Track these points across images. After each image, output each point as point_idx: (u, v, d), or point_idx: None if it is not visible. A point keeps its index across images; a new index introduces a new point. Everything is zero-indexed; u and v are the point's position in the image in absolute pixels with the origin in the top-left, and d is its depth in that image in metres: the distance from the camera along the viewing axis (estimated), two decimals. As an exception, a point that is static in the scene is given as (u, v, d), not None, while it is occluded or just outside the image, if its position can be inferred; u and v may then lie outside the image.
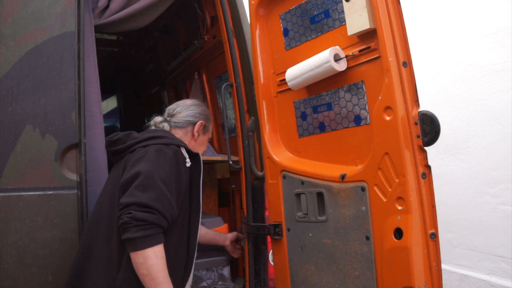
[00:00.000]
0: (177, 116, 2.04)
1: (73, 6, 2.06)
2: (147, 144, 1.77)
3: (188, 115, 2.04)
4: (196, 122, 2.04)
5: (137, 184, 1.62)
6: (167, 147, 1.74)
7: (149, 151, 1.72)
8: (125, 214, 1.57)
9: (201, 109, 2.10)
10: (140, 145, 1.78)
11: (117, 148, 1.86)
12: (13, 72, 1.94)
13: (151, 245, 1.56)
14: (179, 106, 2.09)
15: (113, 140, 1.90)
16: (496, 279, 3.26)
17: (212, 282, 2.53)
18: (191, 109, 2.06)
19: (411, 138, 1.60)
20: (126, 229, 1.56)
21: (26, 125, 1.93)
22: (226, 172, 3.08)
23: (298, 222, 2.03)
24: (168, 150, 1.73)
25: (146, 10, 2.47)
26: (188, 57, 3.67)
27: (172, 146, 1.76)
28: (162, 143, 1.76)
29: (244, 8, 2.63)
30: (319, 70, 1.84)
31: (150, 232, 1.56)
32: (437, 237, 1.61)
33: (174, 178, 1.69)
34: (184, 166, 1.75)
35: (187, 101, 2.15)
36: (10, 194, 1.87)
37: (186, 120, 2.03)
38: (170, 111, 2.07)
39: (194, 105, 2.09)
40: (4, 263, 1.82)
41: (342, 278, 1.82)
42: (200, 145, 2.08)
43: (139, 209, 1.57)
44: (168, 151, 1.73)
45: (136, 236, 1.54)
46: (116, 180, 1.77)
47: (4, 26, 1.96)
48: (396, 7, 1.66)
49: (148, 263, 1.55)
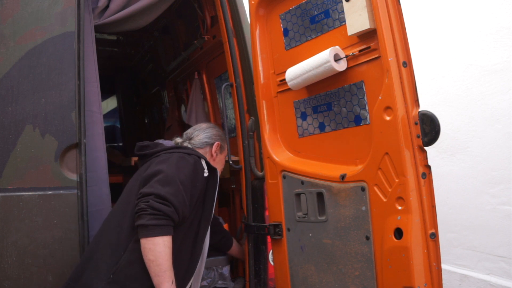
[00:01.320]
0: (195, 138, 2.21)
1: (73, 6, 2.06)
2: (172, 151, 1.95)
3: (205, 137, 2.21)
4: (213, 143, 2.21)
5: (158, 179, 1.77)
6: (189, 156, 1.93)
7: (173, 156, 1.90)
8: (143, 202, 1.70)
9: (215, 130, 2.27)
10: (165, 152, 1.96)
11: (145, 152, 2.04)
12: (13, 72, 1.94)
13: (162, 234, 1.68)
14: (196, 130, 2.26)
15: (142, 146, 2.07)
16: (496, 279, 3.26)
17: (211, 281, 2.53)
18: (207, 132, 2.24)
19: (411, 138, 1.60)
20: (141, 216, 1.69)
21: (26, 125, 1.93)
22: (226, 172, 3.08)
23: (298, 222, 2.03)
24: (190, 158, 1.92)
25: (146, 10, 2.47)
26: (188, 57, 3.67)
27: (194, 156, 1.95)
28: (185, 152, 1.95)
29: (244, 8, 2.63)
30: (319, 70, 1.84)
31: (163, 222, 1.69)
32: (437, 237, 1.61)
33: (190, 182, 1.85)
34: (201, 175, 1.92)
35: (202, 124, 2.34)
36: (10, 194, 1.87)
37: (204, 142, 2.20)
38: (189, 135, 2.25)
39: (209, 127, 2.27)
40: (4, 263, 1.82)
41: (342, 278, 1.82)
42: (218, 163, 2.23)
43: (157, 200, 1.70)
44: (190, 159, 1.91)
45: (149, 223, 1.67)
46: (137, 179, 1.92)
47: (4, 26, 1.96)
48: (396, 7, 1.66)
49: (157, 249, 1.67)
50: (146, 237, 1.67)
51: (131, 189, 1.91)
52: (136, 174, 2.00)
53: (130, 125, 5.97)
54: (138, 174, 1.97)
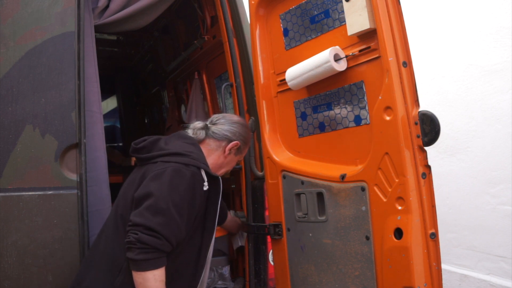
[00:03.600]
0: (218, 126, 1.99)
1: (73, 6, 2.06)
2: (169, 160, 1.76)
3: (228, 130, 1.98)
4: (232, 140, 1.98)
5: (149, 205, 1.64)
6: (186, 168, 1.73)
7: (167, 171, 1.71)
8: (132, 233, 1.61)
9: (243, 130, 2.04)
10: (162, 159, 1.78)
11: (141, 156, 1.86)
12: (13, 72, 1.94)
13: (151, 268, 1.60)
14: (225, 118, 2.05)
15: (138, 148, 1.89)
16: (496, 279, 3.26)
17: (211, 281, 2.53)
18: (234, 126, 2.01)
19: (411, 138, 1.60)
20: (130, 248, 1.61)
21: (26, 125, 1.93)
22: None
23: (298, 222, 2.03)
24: (187, 171, 1.73)
25: (146, 10, 2.47)
26: (188, 57, 3.67)
27: (192, 167, 1.75)
28: (183, 162, 1.75)
29: (244, 8, 2.63)
30: (319, 70, 1.84)
31: (152, 256, 1.60)
32: (437, 237, 1.61)
33: (187, 201, 1.71)
34: (200, 189, 1.76)
35: (234, 117, 2.12)
36: (10, 194, 1.87)
37: (224, 135, 1.98)
38: (214, 119, 2.04)
39: (238, 123, 2.04)
40: (4, 263, 1.82)
41: (342, 278, 1.82)
42: (228, 163, 2.03)
43: (146, 232, 1.60)
44: (186, 173, 1.72)
45: (138, 258, 1.59)
46: (133, 184, 1.79)
47: (4, 26, 1.96)
48: (396, 7, 1.66)
49: (147, 284, 1.60)
50: (136, 271, 1.61)
51: (126, 195, 1.79)
52: (132, 176, 1.88)
53: (130, 125, 5.97)
54: (134, 177, 1.84)
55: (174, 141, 1.91)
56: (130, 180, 1.85)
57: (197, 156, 1.82)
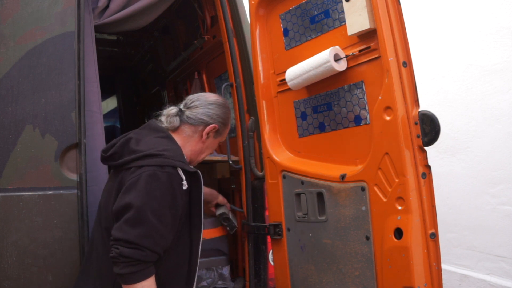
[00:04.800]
0: (193, 110, 1.86)
1: (73, 6, 2.06)
2: (142, 164, 1.65)
3: (203, 113, 1.85)
4: (209, 123, 1.85)
5: (127, 218, 1.58)
6: (162, 170, 1.63)
7: (142, 177, 1.61)
8: (114, 248, 1.57)
9: (221, 110, 1.89)
10: (135, 164, 1.67)
11: (114, 164, 1.76)
12: (13, 72, 1.94)
13: (138, 280, 1.57)
14: (200, 99, 1.89)
15: (107, 156, 1.77)
16: (496, 279, 3.26)
17: (211, 281, 2.53)
18: (210, 108, 1.86)
19: (411, 138, 1.60)
20: (116, 263, 1.57)
21: (26, 125, 1.93)
22: (226, 172, 3.08)
23: (298, 222, 2.03)
24: (162, 174, 1.63)
25: (146, 10, 2.47)
26: (188, 57, 3.67)
27: (167, 168, 1.64)
28: (157, 164, 1.64)
29: (244, 8, 2.63)
30: (319, 70, 1.84)
31: (137, 268, 1.56)
32: (437, 237, 1.61)
33: (167, 205, 1.63)
34: (180, 190, 1.66)
35: (210, 96, 1.94)
36: (10, 194, 1.87)
37: (200, 119, 1.84)
38: (188, 102, 1.90)
39: (215, 104, 1.89)
40: (4, 263, 1.82)
41: (342, 278, 1.82)
42: (207, 147, 1.91)
43: (127, 246, 1.55)
44: (162, 176, 1.62)
45: (123, 272, 1.56)
46: (111, 195, 1.72)
47: (4, 26, 1.96)
48: (396, 7, 1.66)
49: None
50: (125, 285, 1.58)
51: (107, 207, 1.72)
52: (109, 185, 1.78)
53: (130, 125, 5.96)
54: (111, 187, 1.74)
55: (145, 137, 1.78)
56: (108, 190, 1.77)
57: (171, 154, 1.69)
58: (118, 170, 1.73)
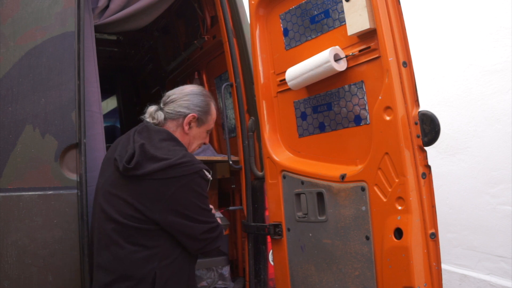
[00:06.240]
0: (170, 105, 1.87)
1: (73, 6, 2.06)
2: (180, 174, 1.64)
3: (180, 106, 1.85)
4: (187, 114, 1.85)
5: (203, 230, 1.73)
6: (199, 175, 1.70)
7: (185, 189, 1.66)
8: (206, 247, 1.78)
9: (198, 99, 1.88)
10: (172, 175, 1.64)
11: (138, 174, 1.65)
12: (13, 72, 1.94)
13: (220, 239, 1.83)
14: (175, 93, 1.90)
15: (131, 167, 1.64)
16: (496, 279, 3.26)
17: (212, 281, 2.53)
18: (186, 99, 1.87)
19: (411, 138, 1.60)
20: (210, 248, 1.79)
21: (26, 125, 1.93)
22: (226, 172, 3.08)
23: (298, 222, 2.03)
24: (200, 178, 1.70)
25: (146, 10, 2.47)
26: (188, 57, 3.67)
27: (201, 172, 1.70)
28: (195, 170, 1.68)
29: (244, 8, 2.63)
30: (319, 70, 1.84)
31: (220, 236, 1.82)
32: (437, 237, 1.61)
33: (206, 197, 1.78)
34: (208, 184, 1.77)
35: (186, 88, 1.94)
36: (10, 194, 1.87)
37: (178, 112, 1.85)
38: (165, 98, 1.91)
39: (191, 94, 1.89)
40: (4, 263, 1.82)
41: (342, 278, 1.82)
42: (195, 137, 1.90)
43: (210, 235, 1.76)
44: (202, 180, 1.71)
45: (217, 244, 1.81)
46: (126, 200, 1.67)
47: (4, 26, 1.96)
48: (396, 7, 1.66)
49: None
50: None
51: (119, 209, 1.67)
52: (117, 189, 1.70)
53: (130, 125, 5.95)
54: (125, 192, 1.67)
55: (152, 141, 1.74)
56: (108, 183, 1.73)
57: (192, 157, 1.72)
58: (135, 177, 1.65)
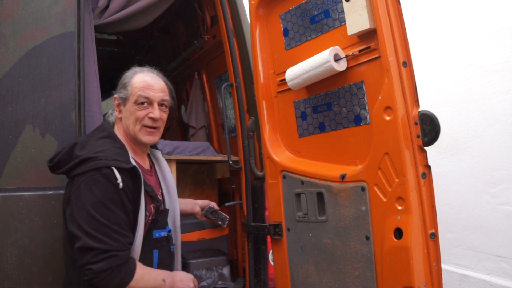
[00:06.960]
0: None
1: (73, 6, 2.06)
2: (81, 171, 1.65)
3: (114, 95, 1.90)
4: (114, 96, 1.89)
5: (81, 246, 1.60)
6: (100, 173, 1.63)
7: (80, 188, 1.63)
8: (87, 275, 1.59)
9: (120, 80, 1.90)
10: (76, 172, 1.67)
11: (60, 172, 1.75)
12: (13, 72, 1.94)
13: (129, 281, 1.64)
14: None
15: (52, 166, 1.77)
16: (496, 279, 3.26)
17: (212, 281, 2.53)
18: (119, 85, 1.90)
19: (411, 138, 1.60)
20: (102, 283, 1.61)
21: (26, 125, 1.93)
22: (226, 172, 3.09)
23: (298, 222, 2.03)
24: (101, 177, 1.63)
25: (146, 10, 2.47)
26: (188, 57, 3.67)
27: (104, 169, 1.64)
28: (94, 167, 1.63)
29: (244, 8, 2.64)
30: (319, 70, 1.84)
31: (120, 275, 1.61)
32: (437, 237, 1.61)
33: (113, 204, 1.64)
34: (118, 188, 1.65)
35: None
36: (10, 194, 1.86)
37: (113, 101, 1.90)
38: None
39: (122, 76, 1.91)
40: (4, 263, 1.82)
41: (342, 278, 1.82)
42: (127, 118, 1.84)
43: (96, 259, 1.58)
44: (101, 179, 1.63)
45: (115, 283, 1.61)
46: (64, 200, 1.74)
47: (4, 26, 1.96)
48: (396, 7, 1.66)
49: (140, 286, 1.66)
50: None
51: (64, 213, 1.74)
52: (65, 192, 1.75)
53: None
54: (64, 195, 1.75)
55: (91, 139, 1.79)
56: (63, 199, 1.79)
57: (106, 154, 1.68)
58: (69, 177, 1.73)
